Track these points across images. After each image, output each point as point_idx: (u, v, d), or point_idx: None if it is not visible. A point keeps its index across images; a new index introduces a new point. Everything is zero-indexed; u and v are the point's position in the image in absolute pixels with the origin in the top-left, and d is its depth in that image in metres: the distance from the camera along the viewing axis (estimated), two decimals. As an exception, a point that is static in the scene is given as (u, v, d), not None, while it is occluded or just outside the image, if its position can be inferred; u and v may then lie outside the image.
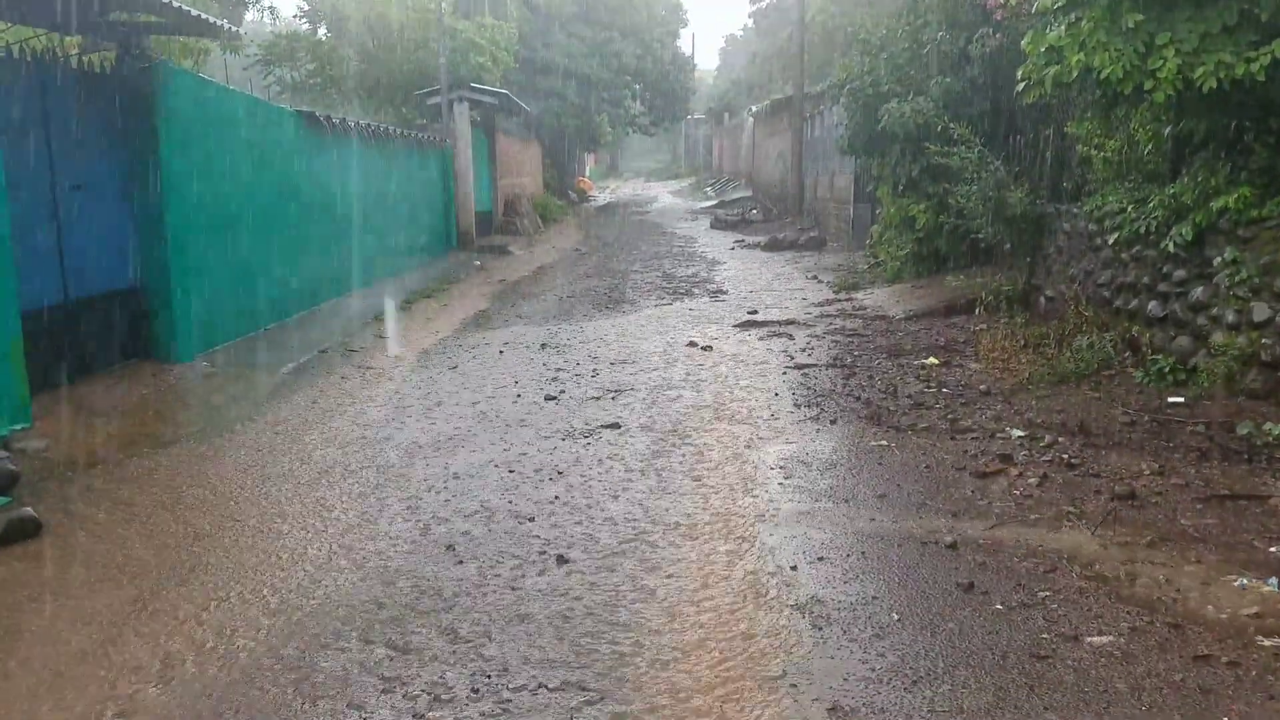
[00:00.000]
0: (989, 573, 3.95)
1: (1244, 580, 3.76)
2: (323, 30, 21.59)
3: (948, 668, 3.25)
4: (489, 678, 3.28)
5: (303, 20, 21.78)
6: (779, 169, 26.26)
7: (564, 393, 7.40)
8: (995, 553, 4.15)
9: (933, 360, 7.99)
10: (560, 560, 4.22)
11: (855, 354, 8.50)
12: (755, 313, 10.95)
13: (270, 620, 3.73)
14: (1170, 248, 6.66)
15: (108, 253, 7.50)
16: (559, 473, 5.46)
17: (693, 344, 9.20)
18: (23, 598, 3.98)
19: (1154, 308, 6.91)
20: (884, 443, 5.81)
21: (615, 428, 6.36)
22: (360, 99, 19.84)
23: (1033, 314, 9.01)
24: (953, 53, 10.98)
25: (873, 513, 4.70)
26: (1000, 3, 10.27)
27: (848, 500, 4.90)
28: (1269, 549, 4.05)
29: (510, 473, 5.48)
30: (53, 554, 4.41)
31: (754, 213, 25.04)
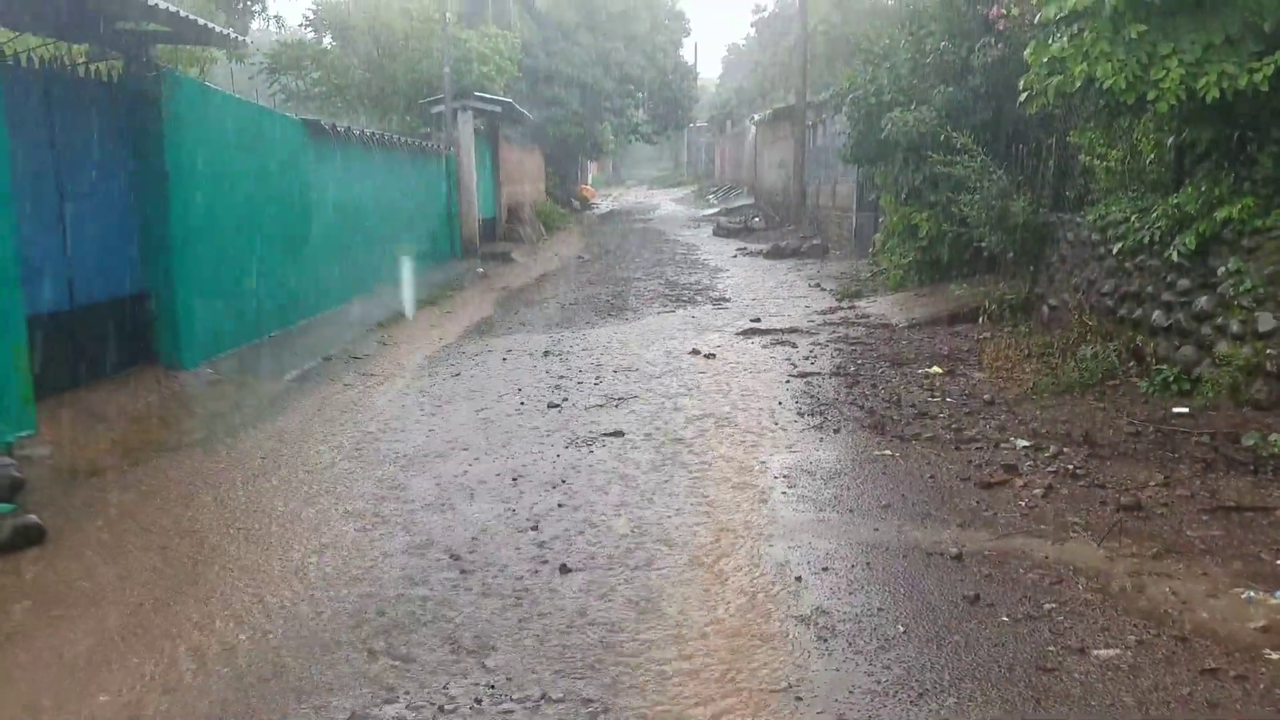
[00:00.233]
0: (995, 584, 3.94)
1: (1251, 593, 3.74)
2: (328, 39, 21.67)
3: (954, 680, 3.23)
4: (492, 688, 3.27)
5: (308, 29, 21.86)
6: (781, 177, 26.29)
7: (567, 400, 7.40)
8: (1001, 564, 4.13)
9: (936, 369, 7.98)
10: (563, 570, 4.21)
11: (858, 362, 8.49)
12: (758, 320, 10.95)
13: (273, 629, 3.72)
14: (1174, 257, 6.66)
15: (113, 259, 7.52)
16: (562, 481, 5.45)
17: (695, 352, 9.20)
18: (26, 604, 3.97)
19: (1158, 317, 6.91)
20: (888, 452, 5.81)
21: (618, 436, 6.35)
22: (365, 107, 19.91)
23: (1036, 323, 9.00)
24: (955, 62, 11.02)
25: (877, 523, 4.69)
26: (1002, 13, 10.33)
27: (852, 510, 4.89)
28: (1276, 561, 4.03)
29: (513, 481, 5.48)
30: (57, 561, 4.41)
31: (756, 220, 25.06)
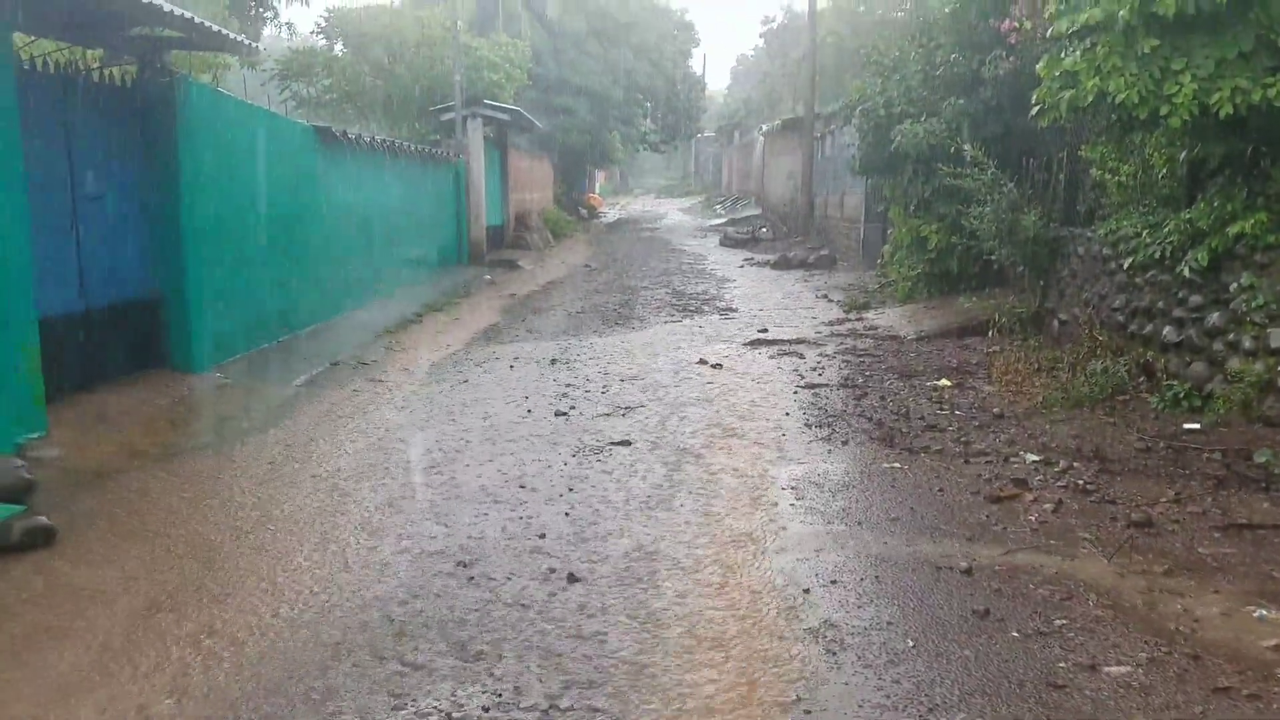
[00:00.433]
0: (1005, 599, 3.92)
1: (1264, 611, 3.71)
2: (339, 46, 21.80)
3: (963, 696, 3.21)
4: (499, 696, 3.26)
5: (320, 36, 22.01)
6: (789, 188, 26.31)
7: (574, 409, 7.39)
8: (1011, 579, 4.11)
9: (945, 382, 7.96)
10: (571, 579, 4.20)
11: (866, 374, 8.48)
12: (765, 331, 10.94)
13: (281, 633, 3.72)
14: (1186, 273, 6.64)
15: (125, 263, 7.56)
16: (569, 490, 5.44)
17: (703, 361, 9.19)
18: (36, 605, 3.97)
19: (1169, 333, 6.88)
20: (896, 465, 5.79)
21: (626, 445, 6.35)
22: (375, 114, 20.01)
23: (1046, 337, 8.98)
24: (966, 75, 11.01)
25: (886, 536, 4.67)
26: (1014, 26, 10.33)
27: (860, 523, 4.87)
28: (1288, 579, 4.00)
29: (520, 489, 5.47)
30: (67, 562, 4.41)
31: (763, 231, 25.08)
